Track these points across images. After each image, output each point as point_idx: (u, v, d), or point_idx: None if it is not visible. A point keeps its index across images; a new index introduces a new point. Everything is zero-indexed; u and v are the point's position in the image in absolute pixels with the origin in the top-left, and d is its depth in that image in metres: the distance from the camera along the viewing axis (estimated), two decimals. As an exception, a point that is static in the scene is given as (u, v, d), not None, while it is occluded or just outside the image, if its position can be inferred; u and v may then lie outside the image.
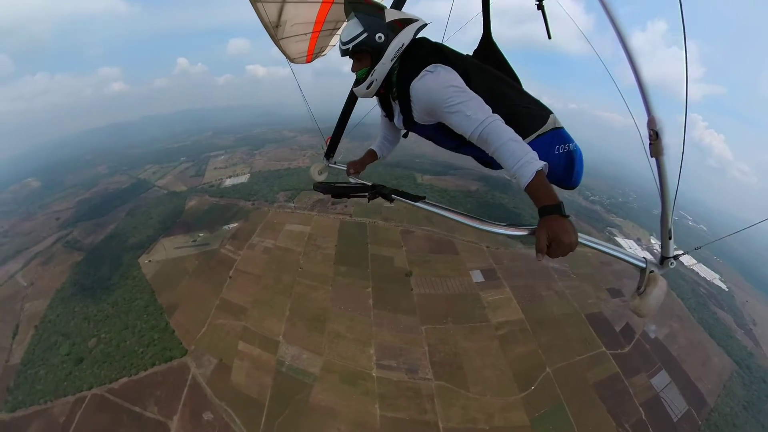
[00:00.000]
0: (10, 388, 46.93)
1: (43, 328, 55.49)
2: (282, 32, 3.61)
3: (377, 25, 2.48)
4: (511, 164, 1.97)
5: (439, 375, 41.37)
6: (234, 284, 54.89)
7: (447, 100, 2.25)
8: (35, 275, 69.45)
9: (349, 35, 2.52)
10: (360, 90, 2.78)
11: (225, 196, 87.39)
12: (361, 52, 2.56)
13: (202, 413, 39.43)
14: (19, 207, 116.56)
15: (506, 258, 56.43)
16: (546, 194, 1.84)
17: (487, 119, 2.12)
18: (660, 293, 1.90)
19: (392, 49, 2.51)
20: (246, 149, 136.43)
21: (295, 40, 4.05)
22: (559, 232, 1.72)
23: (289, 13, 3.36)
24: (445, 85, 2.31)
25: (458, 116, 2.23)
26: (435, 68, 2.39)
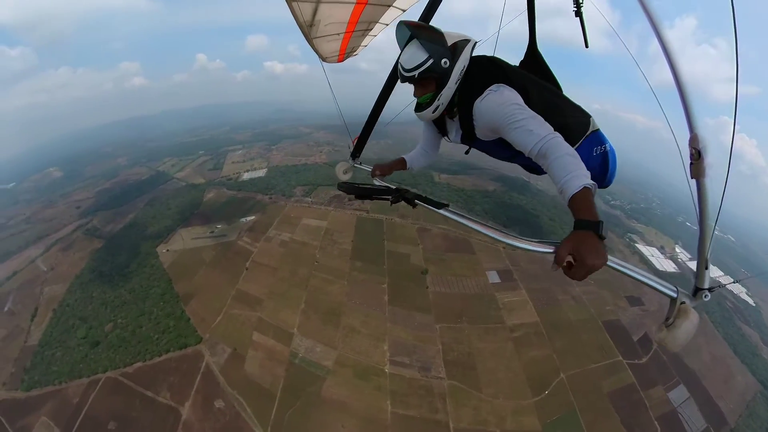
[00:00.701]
0: (26, 368, 48.19)
1: (61, 311, 56.78)
2: (316, 31, 3.65)
3: (441, 50, 2.49)
4: (560, 176, 1.94)
5: (452, 374, 40.93)
6: (250, 275, 55.35)
7: (510, 118, 2.30)
8: (55, 261, 71.35)
9: (413, 62, 2.52)
10: (425, 114, 2.79)
11: (242, 190, 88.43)
12: (427, 78, 2.58)
13: (213, 401, 39.75)
14: (41, 195, 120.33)
15: (523, 260, 55.67)
16: (587, 209, 1.75)
17: (548, 135, 2.14)
18: (690, 327, 1.79)
19: (456, 72, 2.55)
20: (263, 144, 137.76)
21: (328, 40, 4.10)
22: (585, 250, 1.60)
23: (324, 13, 3.40)
24: (507, 103, 2.37)
25: (520, 132, 2.26)
26: (498, 88, 2.48)
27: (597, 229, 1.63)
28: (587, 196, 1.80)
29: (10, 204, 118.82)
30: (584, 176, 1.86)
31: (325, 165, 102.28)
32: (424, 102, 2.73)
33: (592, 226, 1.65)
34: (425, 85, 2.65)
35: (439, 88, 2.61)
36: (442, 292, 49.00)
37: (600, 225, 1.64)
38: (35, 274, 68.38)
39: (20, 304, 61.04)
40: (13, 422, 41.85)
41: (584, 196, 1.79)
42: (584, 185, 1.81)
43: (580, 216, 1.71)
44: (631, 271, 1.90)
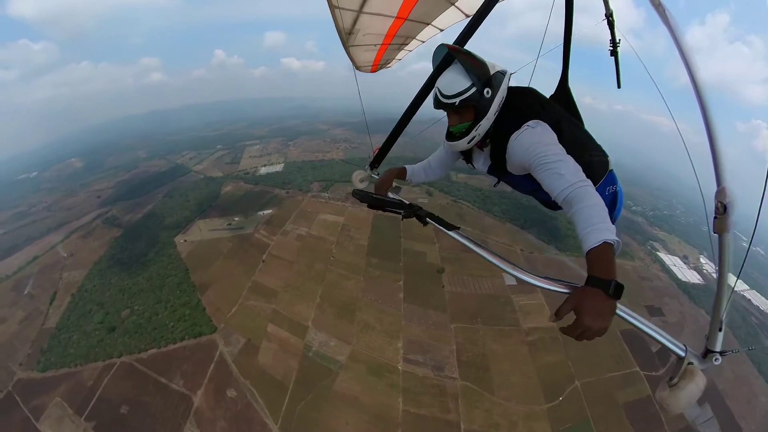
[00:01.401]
0: (43, 349, 49.17)
1: (79, 296, 57.88)
2: (353, 40, 3.70)
3: (485, 79, 2.38)
4: (583, 226, 1.84)
5: (465, 375, 40.43)
6: (266, 268, 55.67)
7: (542, 158, 2.23)
8: (75, 247, 73.05)
9: (455, 89, 2.39)
10: (458, 145, 2.67)
11: (260, 184, 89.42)
12: (466, 107, 2.46)
13: (226, 390, 39.89)
14: (63, 185, 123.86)
15: (540, 263, 54.95)
16: (602, 266, 1.64)
17: (578, 182, 2.06)
18: (695, 391, 1.68)
19: (496, 103, 2.46)
20: (280, 140, 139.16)
21: (364, 49, 4.16)
22: (586, 308, 1.53)
23: (363, 23, 3.45)
24: (542, 142, 2.31)
25: (550, 175, 2.18)
26: (536, 125, 2.40)
27: (607, 289, 1.53)
28: (606, 252, 1.69)
29: (33, 192, 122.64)
30: (607, 230, 1.75)
31: (341, 162, 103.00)
32: (458, 132, 2.60)
33: (603, 285, 1.55)
34: (463, 114, 2.52)
35: (477, 119, 2.48)
36: (458, 292, 48.54)
37: (612, 285, 1.53)
38: (55, 259, 70.12)
39: (40, 288, 62.46)
40: (28, 401, 42.70)
41: (603, 252, 1.68)
42: (605, 240, 1.70)
43: (593, 272, 1.62)
44: (640, 323, 1.78)
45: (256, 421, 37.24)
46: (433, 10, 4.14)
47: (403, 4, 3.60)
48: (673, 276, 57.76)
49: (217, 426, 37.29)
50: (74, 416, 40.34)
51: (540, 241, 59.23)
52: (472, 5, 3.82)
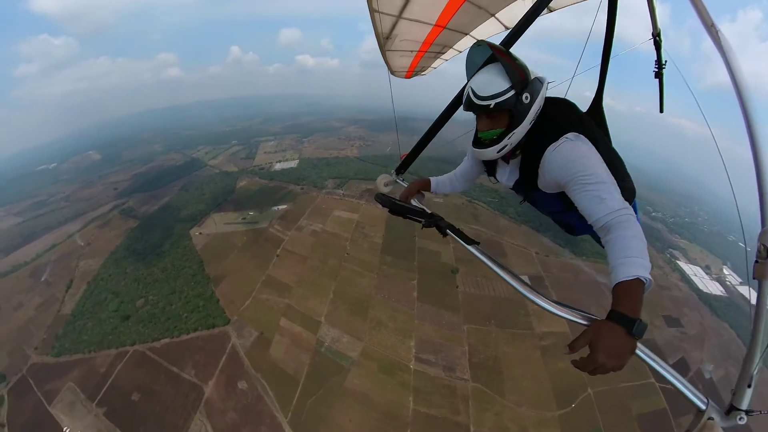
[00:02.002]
0: (58, 335, 49.92)
1: (95, 284, 58.74)
2: (390, 44, 3.69)
3: (525, 82, 2.16)
4: (617, 257, 1.70)
5: (477, 377, 39.88)
6: (280, 262, 55.95)
7: (583, 177, 2.02)
8: (92, 237, 74.34)
9: (491, 89, 2.14)
10: (486, 153, 2.41)
11: (274, 179, 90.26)
12: (501, 111, 2.20)
13: (237, 382, 39.98)
14: (80, 176, 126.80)
15: (556, 267, 54.23)
16: (628, 302, 1.53)
17: (622, 209, 1.88)
18: None
19: (533, 111, 2.22)
20: (295, 136, 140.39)
21: (400, 55, 4.15)
22: (602, 344, 1.42)
23: (401, 29, 3.43)
24: (583, 158, 2.08)
25: (589, 197, 1.98)
26: (576, 137, 2.17)
27: (628, 326, 1.43)
28: (636, 289, 1.57)
29: (51, 182, 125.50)
30: (642, 267, 1.62)
31: (356, 159, 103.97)
32: (488, 138, 2.34)
33: (625, 322, 1.44)
34: (496, 119, 2.26)
35: (511, 126, 2.24)
36: (472, 293, 48.09)
37: (635, 323, 1.42)
38: (72, 248, 71.52)
39: (56, 276, 63.69)
40: (42, 385, 43.40)
41: (632, 287, 1.57)
42: (638, 276, 1.58)
43: (618, 306, 1.51)
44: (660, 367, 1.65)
45: (265, 414, 37.20)
46: (472, 21, 4.05)
47: (443, 13, 3.53)
48: (693, 286, 55.92)
49: (227, 417, 37.33)
50: (86, 401, 40.79)
51: (555, 244, 58.37)
52: (512, 17, 3.85)
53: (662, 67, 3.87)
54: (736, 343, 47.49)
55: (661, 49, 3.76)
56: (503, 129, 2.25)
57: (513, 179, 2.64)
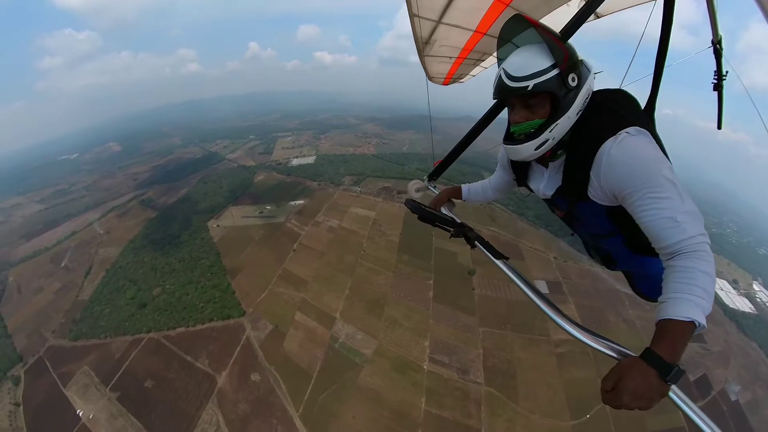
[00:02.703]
0: (75, 319, 50.87)
1: (113, 272, 59.74)
2: (429, 50, 3.58)
3: (572, 60, 1.74)
4: (679, 288, 1.41)
5: (490, 381, 39.26)
6: (297, 257, 56.25)
7: (653, 188, 1.58)
8: (111, 225, 75.85)
9: (530, 67, 1.71)
10: (521, 150, 1.92)
11: (292, 174, 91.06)
12: (541, 95, 1.77)
13: (250, 373, 40.14)
14: (101, 166, 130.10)
15: (574, 273, 53.19)
16: (670, 344, 1.30)
17: (698, 236, 1.51)
18: None
19: (581, 98, 1.78)
20: (312, 132, 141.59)
21: (439, 61, 4.02)
22: (632, 388, 1.24)
23: (441, 34, 3.32)
24: (655, 161, 1.64)
25: (661, 217, 1.56)
26: (637, 132, 1.69)
27: (665, 372, 1.23)
28: (684, 332, 1.32)
29: (73, 172, 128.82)
30: (702, 310, 1.34)
31: (373, 157, 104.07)
32: (523, 132, 1.88)
33: (661, 366, 1.23)
34: (534, 108, 1.82)
35: (554, 115, 1.79)
36: (488, 296, 47.48)
37: (671, 369, 1.22)
38: (92, 236, 73.09)
39: (76, 262, 65.09)
40: (57, 367, 44.28)
41: (681, 329, 1.32)
42: (691, 319, 1.32)
43: (657, 347, 1.29)
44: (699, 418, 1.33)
45: (277, 407, 37.20)
46: None
47: (484, 18, 3.30)
48: (718, 300, 53.58)
49: (238, 408, 37.47)
50: (100, 385, 41.42)
51: (575, 249, 57.27)
52: (555, 24, 3.27)
53: (722, 78, 3.44)
54: (766, 365, 45.72)
55: (722, 58, 3.37)
56: (543, 119, 1.82)
57: (553, 186, 2.12)
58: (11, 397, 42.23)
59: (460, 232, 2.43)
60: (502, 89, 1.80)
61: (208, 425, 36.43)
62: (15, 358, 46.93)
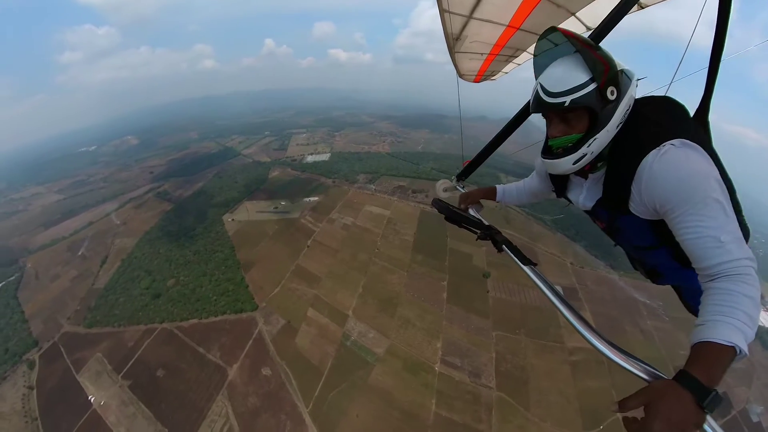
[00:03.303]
0: (90, 307, 51.64)
1: (129, 262, 60.56)
2: (460, 46, 3.52)
3: (611, 72, 1.65)
4: (719, 311, 1.28)
5: (502, 386, 38.55)
6: (311, 253, 56.33)
7: (696, 204, 1.46)
8: (128, 216, 77.18)
9: (568, 83, 1.65)
10: (559, 165, 1.86)
11: (306, 171, 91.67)
12: (579, 110, 1.70)
13: (261, 367, 40.08)
14: (119, 159, 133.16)
15: (590, 279, 52.19)
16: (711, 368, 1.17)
17: (743, 259, 1.39)
18: None
19: (621, 110, 1.70)
20: (326, 130, 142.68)
21: (470, 57, 3.95)
22: (664, 414, 1.09)
23: (472, 30, 3.25)
24: (700, 175, 1.51)
25: (703, 235, 1.45)
26: (682, 144, 1.57)
27: (702, 397, 1.10)
28: (725, 356, 1.20)
29: (91, 164, 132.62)
30: (744, 336, 1.22)
31: (388, 155, 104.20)
32: (561, 146, 1.83)
33: (698, 390, 1.10)
34: (571, 122, 1.77)
35: (592, 130, 1.73)
36: (503, 299, 46.81)
37: (709, 394, 1.09)
38: (109, 226, 74.54)
39: (92, 251, 66.32)
40: (72, 353, 45.02)
41: (722, 353, 1.20)
42: (733, 344, 1.19)
43: (693, 369, 1.16)
44: None
45: (287, 402, 37.06)
46: (549, 21, 3.79)
47: (517, 12, 3.24)
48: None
49: (248, 401, 37.45)
50: (112, 373, 41.91)
51: (591, 255, 56.31)
52: (595, 16, 3.43)
53: None
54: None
55: None
56: (581, 134, 1.75)
57: (593, 198, 2.04)
58: (25, 380, 42.96)
59: (487, 235, 2.39)
60: (540, 104, 1.77)
61: (217, 417, 36.48)
62: (31, 343, 47.82)
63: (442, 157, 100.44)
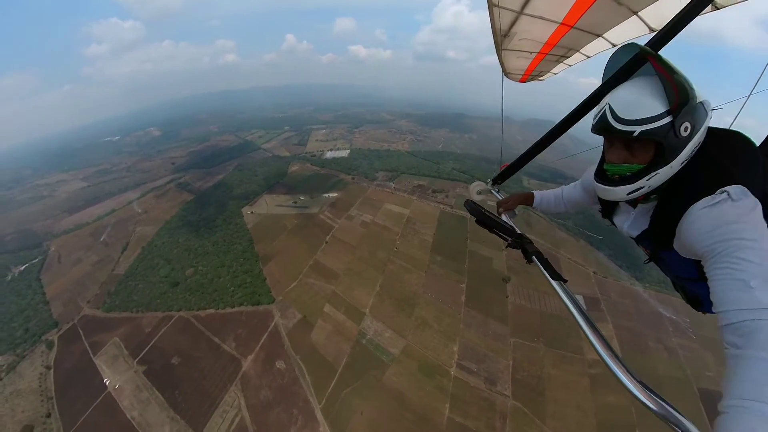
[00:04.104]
0: (110, 292, 52.61)
1: (149, 250, 61.63)
2: (508, 43, 3.37)
3: (689, 108, 1.52)
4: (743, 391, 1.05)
5: (518, 395, 37.49)
6: (329, 249, 56.23)
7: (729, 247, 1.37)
8: (149, 205, 78.91)
9: (639, 112, 1.53)
10: (613, 192, 1.77)
11: (326, 167, 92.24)
12: (647, 142, 1.61)
13: (275, 360, 39.96)
14: (141, 149, 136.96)
15: (614, 291, 50.61)
16: None
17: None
18: None
19: (690, 148, 1.60)
20: (346, 126, 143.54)
21: (517, 56, 3.80)
22: None
23: (522, 26, 3.09)
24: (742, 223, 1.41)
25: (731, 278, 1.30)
26: (740, 195, 1.46)
27: None
28: None
29: (114, 154, 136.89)
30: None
31: (407, 154, 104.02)
32: (619, 174, 1.72)
33: None
34: (635, 152, 1.65)
35: (656, 164, 1.61)
36: (522, 305, 45.75)
37: None
38: (130, 214, 76.33)
39: (114, 237, 67.96)
40: (90, 336, 45.93)
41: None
42: None
43: None
44: None
45: (299, 397, 36.78)
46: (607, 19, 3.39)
47: (572, 9, 3.04)
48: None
49: (261, 394, 37.33)
50: (128, 357, 42.46)
51: (616, 265, 54.64)
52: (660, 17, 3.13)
53: None
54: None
55: None
56: (643, 165, 1.64)
57: (638, 229, 1.96)
58: (43, 360, 43.95)
59: (517, 244, 2.31)
60: (605, 128, 1.62)
61: (229, 407, 36.49)
62: (51, 324, 48.95)
63: (462, 157, 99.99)
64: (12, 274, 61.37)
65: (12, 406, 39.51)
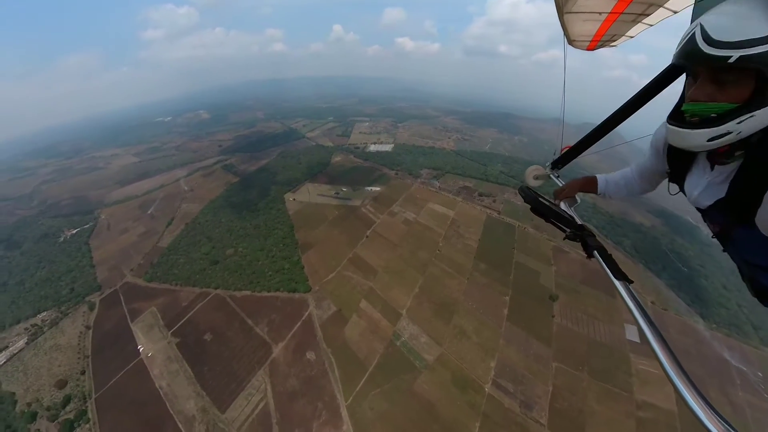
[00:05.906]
0: (153, 263, 54.48)
1: (192, 226, 63.58)
2: (572, 5, 2.97)
3: None
4: None
5: (554, 425, 34.56)
6: (369, 244, 55.41)
7: None
8: (195, 184, 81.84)
9: (741, 31, 1.26)
10: (690, 136, 1.46)
11: (369, 160, 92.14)
12: (743, 72, 1.30)
13: (306, 351, 39.40)
14: (191, 130, 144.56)
15: (673, 327, 45.77)
16: None
17: None
18: None
19: None
20: (389, 120, 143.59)
21: (584, 18, 3.25)
22: None
23: None
24: None
25: None
26: None
27: None
28: None
29: (165, 133, 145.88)
30: None
31: (453, 153, 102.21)
32: (702, 114, 1.41)
33: None
34: (727, 86, 1.35)
35: (752, 103, 1.33)
36: (568, 328, 42.57)
37: None
38: (177, 191, 79.59)
39: (161, 212, 70.93)
40: (129, 302, 47.70)
41: None
42: None
43: None
44: None
45: (326, 391, 35.91)
46: None
47: None
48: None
49: (287, 382, 36.81)
50: (163, 328, 43.56)
51: (677, 296, 49.60)
52: None
53: None
54: None
55: None
56: (735, 104, 1.33)
57: (712, 197, 1.68)
58: (84, 320, 46.02)
59: (577, 236, 2.14)
60: (692, 54, 1.33)
61: (255, 391, 36.35)
62: (95, 287, 51.29)
63: (511, 160, 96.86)
64: (65, 236, 64.99)
65: (50, 359, 41.57)
